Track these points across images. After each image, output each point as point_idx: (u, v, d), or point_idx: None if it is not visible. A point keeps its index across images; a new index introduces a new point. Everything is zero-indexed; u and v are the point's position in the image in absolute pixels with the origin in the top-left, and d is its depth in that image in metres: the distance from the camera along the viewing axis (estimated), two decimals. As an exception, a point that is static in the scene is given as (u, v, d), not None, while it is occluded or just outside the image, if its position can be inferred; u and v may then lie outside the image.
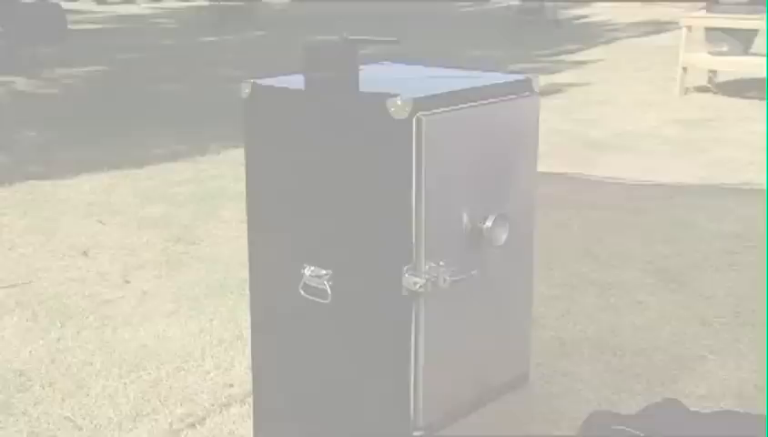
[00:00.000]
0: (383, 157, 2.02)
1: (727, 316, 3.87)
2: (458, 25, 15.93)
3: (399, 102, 1.94)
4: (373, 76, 2.34)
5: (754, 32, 8.98)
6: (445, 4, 19.03)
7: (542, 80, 2.31)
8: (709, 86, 9.26)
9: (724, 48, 8.92)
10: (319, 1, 19.76)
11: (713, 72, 9.30)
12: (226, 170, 6.26)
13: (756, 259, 4.50)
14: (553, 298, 4.02)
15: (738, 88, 9.16)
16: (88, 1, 18.95)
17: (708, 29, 9.11)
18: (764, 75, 9.17)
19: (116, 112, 8.53)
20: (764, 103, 8.55)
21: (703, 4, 9.76)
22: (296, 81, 2.25)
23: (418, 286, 1.98)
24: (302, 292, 2.17)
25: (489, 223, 2.08)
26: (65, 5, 13.58)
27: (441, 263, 1.99)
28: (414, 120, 1.94)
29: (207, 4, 15.90)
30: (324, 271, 2.14)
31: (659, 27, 14.15)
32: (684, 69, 9.01)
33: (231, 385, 3.31)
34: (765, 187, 5.61)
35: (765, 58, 8.13)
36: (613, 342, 3.63)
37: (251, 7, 16.04)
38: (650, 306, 3.98)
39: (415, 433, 2.08)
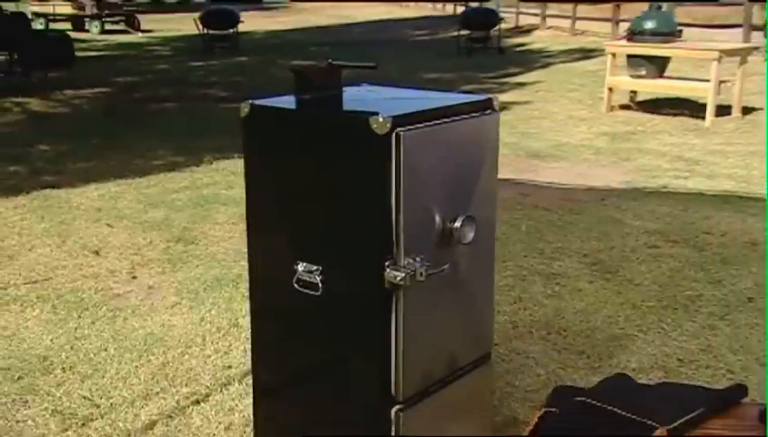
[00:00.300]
0: (366, 168, 2.00)
1: (652, 300, 3.91)
2: (412, 51, 15.94)
3: (381, 119, 1.93)
4: (354, 97, 2.33)
5: (667, 58, 9.11)
6: (401, 32, 19.05)
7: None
8: (630, 104, 9.38)
9: (643, 72, 9.03)
10: (291, 30, 19.67)
11: (634, 92, 9.43)
12: (219, 179, 6.22)
13: (675, 251, 4.56)
14: (506, 287, 4.04)
15: (655, 106, 9.28)
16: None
17: (629, 56, 9.23)
18: (677, 95, 9.32)
19: (119, 128, 8.42)
20: (677, 118, 8.67)
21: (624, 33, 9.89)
22: (288, 101, 2.24)
23: (398, 279, 1.96)
24: (296, 285, 2.15)
25: (458, 223, 2.08)
26: (72, 35, 13.40)
27: (418, 259, 1.98)
28: (393, 135, 1.93)
29: (196, 33, 15.77)
30: (315, 267, 2.12)
31: (587, 54, 14.30)
32: (610, 90, 9.14)
33: (230, 367, 3.28)
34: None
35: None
36: (558, 324, 3.65)
37: (234, 36, 15.94)
38: (588, 293, 4.01)
39: (395, 407, 2.07)
